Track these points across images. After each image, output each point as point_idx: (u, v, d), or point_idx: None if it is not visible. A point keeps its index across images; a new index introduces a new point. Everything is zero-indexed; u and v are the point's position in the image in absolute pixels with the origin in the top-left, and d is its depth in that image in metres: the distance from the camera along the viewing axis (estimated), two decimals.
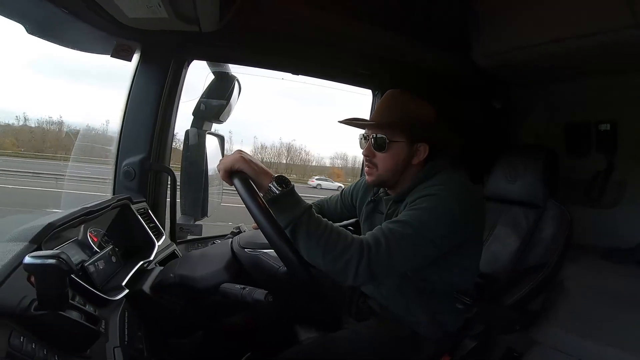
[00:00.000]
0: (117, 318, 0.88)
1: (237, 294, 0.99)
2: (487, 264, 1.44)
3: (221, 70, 1.84)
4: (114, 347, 0.80)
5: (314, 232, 0.90)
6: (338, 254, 0.89)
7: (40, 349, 0.61)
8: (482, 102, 2.23)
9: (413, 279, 1.13)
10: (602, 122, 1.87)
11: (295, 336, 1.27)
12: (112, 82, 1.63)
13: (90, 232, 1.10)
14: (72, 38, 1.45)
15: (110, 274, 1.03)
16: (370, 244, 0.92)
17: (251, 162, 0.93)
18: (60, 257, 0.61)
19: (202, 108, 1.82)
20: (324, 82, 1.99)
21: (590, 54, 1.57)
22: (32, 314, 0.64)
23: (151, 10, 1.22)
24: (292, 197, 0.92)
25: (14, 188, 9.13)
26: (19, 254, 0.72)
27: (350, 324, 1.25)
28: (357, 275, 0.89)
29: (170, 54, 1.55)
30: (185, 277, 1.06)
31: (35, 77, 53.96)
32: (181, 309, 1.07)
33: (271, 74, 1.86)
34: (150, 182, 1.59)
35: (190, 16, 1.29)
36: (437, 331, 1.17)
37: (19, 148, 17.07)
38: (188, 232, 1.73)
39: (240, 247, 1.13)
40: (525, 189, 1.51)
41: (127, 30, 1.39)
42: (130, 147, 1.54)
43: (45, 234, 0.82)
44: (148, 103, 1.54)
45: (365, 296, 1.30)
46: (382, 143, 1.10)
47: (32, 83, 51.51)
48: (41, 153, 16.92)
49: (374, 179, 1.16)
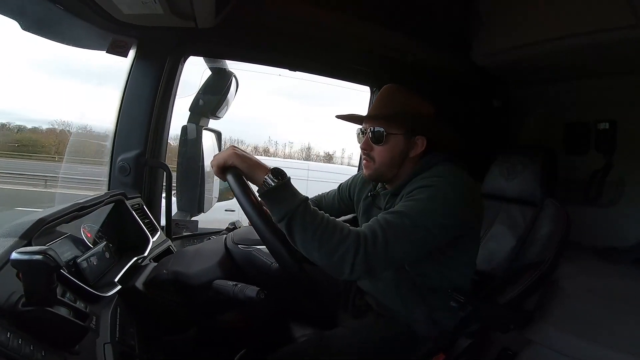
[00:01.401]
0: (108, 314, 0.88)
1: (230, 290, 0.98)
2: (484, 262, 1.43)
3: (218, 66, 1.83)
4: (104, 343, 0.79)
5: (310, 225, 0.88)
6: (334, 247, 0.87)
7: (27, 344, 0.61)
8: (481, 100, 2.22)
9: (410, 273, 1.12)
10: (601, 121, 1.87)
11: (290, 333, 1.27)
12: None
13: (84, 227, 1.09)
14: (68, 34, 1.44)
15: (103, 270, 1.02)
16: (367, 235, 0.90)
17: (245, 157, 0.93)
18: (47, 253, 0.61)
19: (200, 104, 1.82)
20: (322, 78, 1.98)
21: (590, 53, 1.57)
22: (20, 310, 0.64)
23: (147, 6, 1.22)
24: (288, 189, 0.91)
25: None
26: (8, 250, 0.72)
27: (346, 321, 1.25)
28: (354, 268, 0.88)
29: (166, 50, 1.54)
30: (178, 273, 1.06)
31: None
32: (174, 305, 1.07)
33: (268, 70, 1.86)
34: (146, 178, 1.58)
35: (186, 12, 1.28)
36: (433, 329, 1.17)
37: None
38: (184, 228, 1.73)
39: (234, 243, 1.13)
40: (523, 187, 1.51)
41: (122, 26, 1.39)
42: (126, 143, 1.54)
43: (36, 230, 0.81)
44: (144, 99, 1.54)
45: (361, 292, 1.29)
46: (380, 136, 1.10)
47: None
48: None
49: (372, 172, 1.15)
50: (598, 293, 1.33)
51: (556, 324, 1.24)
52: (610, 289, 1.36)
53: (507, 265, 1.43)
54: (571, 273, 1.42)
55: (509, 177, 1.56)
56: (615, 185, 1.83)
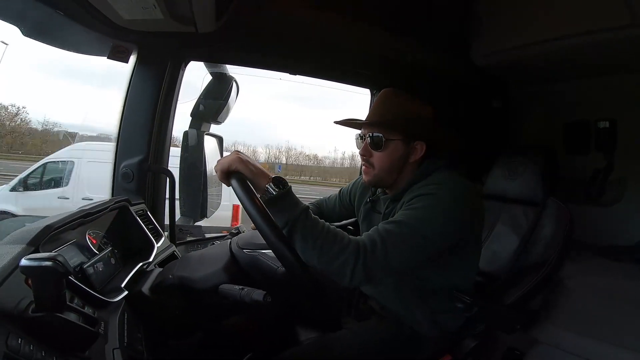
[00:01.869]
0: (116, 319, 0.88)
1: (236, 294, 0.98)
2: (487, 263, 1.43)
3: (219, 71, 1.84)
4: (113, 348, 0.79)
5: (310, 234, 0.90)
6: (334, 256, 0.89)
7: (38, 350, 0.61)
8: (481, 101, 2.23)
9: (412, 278, 1.12)
10: (601, 120, 1.87)
11: (295, 337, 1.27)
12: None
13: (89, 234, 1.09)
14: (69, 40, 1.45)
15: (109, 276, 1.02)
16: (367, 245, 0.92)
17: (248, 163, 0.93)
18: (56, 260, 0.61)
19: (201, 109, 1.83)
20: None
21: (589, 53, 1.57)
22: (30, 316, 0.64)
23: (147, 12, 1.22)
24: (289, 198, 0.92)
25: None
26: (17, 256, 0.72)
27: (350, 324, 1.25)
28: (354, 277, 0.90)
29: (167, 55, 1.55)
30: (184, 278, 1.06)
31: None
32: (181, 310, 1.06)
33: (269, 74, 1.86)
34: (149, 184, 1.58)
35: (187, 17, 1.29)
36: (437, 331, 1.17)
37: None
38: (187, 233, 1.73)
39: (239, 247, 1.13)
40: (524, 187, 1.51)
41: (123, 32, 1.39)
42: (128, 149, 1.54)
43: (43, 236, 0.82)
44: (145, 104, 1.54)
45: (365, 296, 1.30)
46: (379, 142, 1.10)
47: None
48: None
49: (371, 179, 1.15)
50: (602, 292, 1.33)
51: (562, 323, 1.24)
52: (614, 287, 1.36)
53: (511, 265, 1.43)
54: (575, 272, 1.42)
55: (510, 177, 1.57)
56: (616, 184, 1.84)
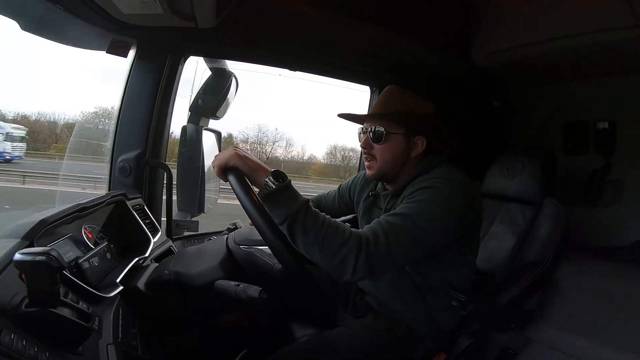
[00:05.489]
0: (111, 315, 0.88)
1: (232, 290, 0.98)
2: (484, 261, 1.43)
3: (218, 66, 1.83)
4: (107, 344, 0.80)
5: (311, 227, 0.88)
6: (336, 249, 0.88)
7: (31, 346, 0.61)
8: (481, 100, 2.22)
9: (410, 273, 1.13)
10: (601, 121, 1.87)
11: (290, 333, 1.27)
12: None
13: (85, 228, 1.09)
14: (67, 34, 1.44)
15: (105, 271, 1.02)
16: (369, 237, 0.91)
17: (246, 158, 0.93)
18: (50, 254, 0.61)
19: (199, 104, 1.82)
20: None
21: (590, 53, 1.57)
22: (23, 311, 0.64)
23: (147, 6, 1.21)
24: (289, 191, 0.90)
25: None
26: (11, 251, 0.72)
27: (347, 321, 1.25)
28: (356, 270, 0.88)
29: (166, 50, 1.54)
30: (180, 273, 1.06)
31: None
32: (176, 306, 1.07)
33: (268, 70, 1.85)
34: (146, 178, 1.58)
35: (187, 12, 1.28)
36: (433, 328, 1.17)
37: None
38: (184, 228, 1.73)
39: (236, 243, 1.13)
40: (522, 186, 1.51)
41: (122, 26, 1.38)
42: (126, 143, 1.54)
43: (38, 230, 0.81)
44: (144, 99, 1.53)
45: (362, 292, 1.30)
46: (380, 135, 1.11)
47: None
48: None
49: (374, 172, 1.16)
50: (598, 292, 1.33)
51: (556, 323, 1.24)
52: (610, 288, 1.36)
53: (508, 264, 1.43)
54: (571, 272, 1.42)
55: (509, 176, 1.56)
56: (614, 185, 1.84)
